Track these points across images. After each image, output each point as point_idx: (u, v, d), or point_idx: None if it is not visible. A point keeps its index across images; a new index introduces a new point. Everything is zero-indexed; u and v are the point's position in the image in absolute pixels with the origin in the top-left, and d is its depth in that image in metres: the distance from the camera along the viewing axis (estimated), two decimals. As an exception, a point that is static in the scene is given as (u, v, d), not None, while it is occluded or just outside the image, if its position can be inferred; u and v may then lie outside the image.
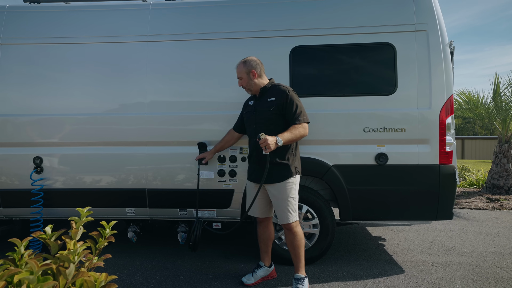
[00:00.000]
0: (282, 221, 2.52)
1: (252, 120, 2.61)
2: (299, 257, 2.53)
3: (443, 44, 2.90)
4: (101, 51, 3.20)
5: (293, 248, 2.53)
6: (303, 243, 2.56)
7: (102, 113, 3.16)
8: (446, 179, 2.88)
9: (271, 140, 2.31)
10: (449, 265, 3.10)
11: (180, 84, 3.14)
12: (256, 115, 2.58)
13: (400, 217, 3.01)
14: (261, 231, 2.73)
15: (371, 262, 3.19)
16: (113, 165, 3.14)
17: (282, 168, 2.50)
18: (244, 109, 2.78)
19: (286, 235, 2.57)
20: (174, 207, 3.17)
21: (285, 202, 2.48)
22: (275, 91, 2.57)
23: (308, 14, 3.07)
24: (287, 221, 2.49)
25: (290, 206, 2.49)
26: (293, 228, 2.51)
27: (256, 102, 2.63)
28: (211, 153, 2.90)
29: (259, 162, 2.52)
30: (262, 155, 2.42)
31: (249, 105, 2.70)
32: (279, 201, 2.50)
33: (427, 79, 2.90)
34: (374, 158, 2.94)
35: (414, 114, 2.90)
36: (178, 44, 3.16)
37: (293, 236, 2.52)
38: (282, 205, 2.49)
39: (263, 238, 2.74)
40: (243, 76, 2.60)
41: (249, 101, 2.74)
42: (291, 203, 2.50)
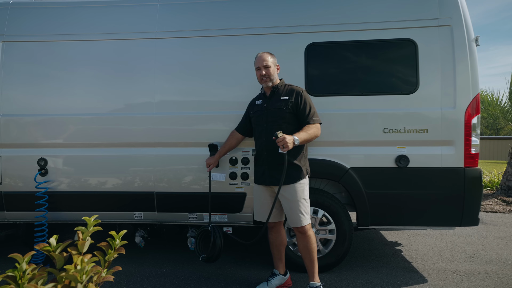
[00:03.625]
0: (295, 224, 2.39)
1: (262, 119, 2.49)
2: (313, 263, 2.41)
3: (468, 39, 2.74)
4: (108, 48, 3.08)
5: (308, 253, 2.41)
6: (316, 247, 2.45)
7: (109, 113, 3.04)
8: (472, 183, 2.71)
9: (289, 139, 2.20)
10: (474, 274, 2.93)
11: (190, 83, 3.00)
12: (268, 113, 2.47)
13: (422, 223, 2.84)
14: (273, 237, 2.60)
15: (390, 269, 3.03)
16: (120, 167, 3.01)
17: (294, 170, 2.39)
18: (250, 109, 2.64)
19: (299, 239, 2.45)
20: (183, 211, 3.04)
21: (298, 204, 2.37)
22: (288, 90, 2.50)
23: (324, 9, 2.92)
24: (300, 224, 2.36)
25: (303, 208, 2.38)
26: (306, 231, 2.39)
27: (266, 101, 2.52)
28: (216, 159, 2.75)
29: (270, 164, 2.41)
30: (277, 155, 2.30)
31: (257, 105, 2.57)
32: (291, 204, 2.38)
33: (451, 77, 2.74)
34: (394, 160, 2.78)
35: (437, 114, 2.74)
36: (188, 41, 3.02)
37: (306, 239, 2.40)
38: (294, 207, 2.37)
39: (275, 244, 2.60)
40: (271, 65, 2.48)
41: (256, 101, 2.61)
42: (304, 205, 2.39)
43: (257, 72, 2.51)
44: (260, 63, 2.47)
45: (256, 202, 2.57)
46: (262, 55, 2.50)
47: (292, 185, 2.38)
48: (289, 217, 2.42)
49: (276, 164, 2.37)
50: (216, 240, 2.57)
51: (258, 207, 2.56)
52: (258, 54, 2.53)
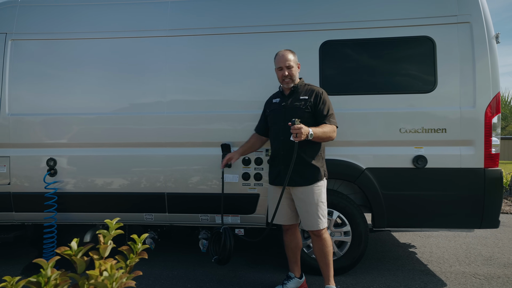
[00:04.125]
0: (311, 227, 2.33)
1: (279, 118, 2.41)
2: (329, 266, 2.36)
3: (488, 37, 2.67)
4: (118, 47, 3.02)
5: (323, 256, 2.35)
6: (331, 250, 2.40)
7: (119, 112, 2.99)
8: (492, 184, 2.64)
9: (305, 130, 2.15)
10: (494, 278, 2.85)
11: (202, 82, 2.95)
12: (286, 112, 2.39)
13: (440, 225, 2.77)
14: (289, 240, 2.53)
15: (406, 272, 2.96)
16: (131, 168, 2.96)
17: (312, 170, 2.33)
18: (267, 107, 2.57)
19: (315, 242, 2.39)
20: (195, 212, 2.98)
21: (315, 207, 2.31)
22: (308, 90, 2.44)
23: (339, 6, 2.85)
24: (316, 227, 2.30)
25: (320, 211, 2.32)
26: (322, 234, 2.34)
27: (284, 100, 2.45)
28: (238, 153, 2.64)
29: (287, 164, 2.31)
30: (290, 143, 2.22)
31: (274, 103, 2.50)
32: (308, 206, 2.31)
33: (470, 75, 2.67)
34: (412, 160, 2.71)
35: (456, 113, 2.67)
36: (199, 39, 2.97)
37: (322, 243, 2.34)
38: (311, 210, 2.31)
39: (291, 247, 2.54)
40: (294, 65, 2.39)
41: (273, 99, 2.54)
42: (321, 207, 2.33)
43: (279, 72, 2.41)
44: (282, 63, 2.37)
45: (271, 204, 2.49)
46: (284, 54, 2.39)
47: (309, 187, 2.32)
48: (304, 220, 2.36)
49: (297, 165, 2.30)
50: (226, 242, 2.52)
51: (274, 209, 2.47)
52: (280, 53, 2.41)
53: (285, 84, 2.42)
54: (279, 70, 2.40)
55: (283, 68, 2.37)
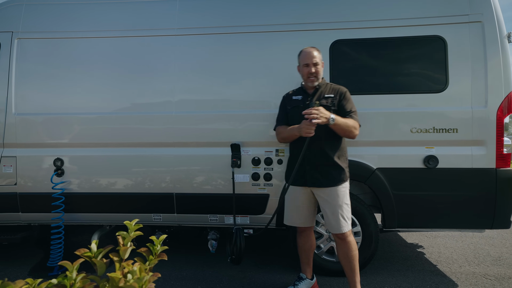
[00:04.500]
0: (336, 230, 2.27)
1: (300, 116, 2.24)
2: (354, 271, 2.30)
3: (500, 36, 2.65)
4: (126, 46, 3.00)
5: (348, 261, 2.30)
6: (357, 254, 2.32)
7: (127, 112, 2.96)
8: (504, 185, 2.63)
9: (326, 113, 2.10)
10: (505, 279, 2.84)
11: (212, 81, 2.92)
12: None
13: (451, 225, 2.76)
14: (303, 242, 2.50)
15: (416, 273, 2.94)
16: (139, 168, 2.94)
17: (337, 171, 2.28)
18: (287, 103, 2.44)
19: (339, 246, 2.34)
20: (203, 212, 2.95)
21: (340, 209, 2.26)
22: (332, 88, 2.39)
23: (350, 5, 2.83)
24: (341, 230, 2.26)
25: (345, 213, 2.27)
26: (347, 237, 2.28)
27: (307, 98, 2.35)
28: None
29: (313, 164, 2.27)
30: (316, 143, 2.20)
31: (295, 100, 2.40)
32: (333, 208, 2.26)
33: (482, 75, 2.65)
34: (423, 160, 2.69)
35: (468, 113, 2.66)
36: (209, 38, 2.94)
37: (347, 246, 2.29)
38: (336, 212, 2.26)
39: (304, 249, 2.51)
40: (320, 62, 2.33)
41: (293, 96, 2.44)
42: (346, 209, 2.29)
43: (305, 69, 2.33)
44: (309, 60, 2.31)
45: (289, 205, 2.44)
46: (311, 51, 2.33)
47: (335, 188, 2.26)
48: (329, 222, 2.30)
49: (319, 165, 2.27)
50: (237, 241, 2.51)
51: (291, 211, 2.43)
52: (306, 49, 2.36)
53: (309, 82, 2.35)
54: (305, 67, 2.32)
55: (309, 65, 2.30)
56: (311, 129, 2.12)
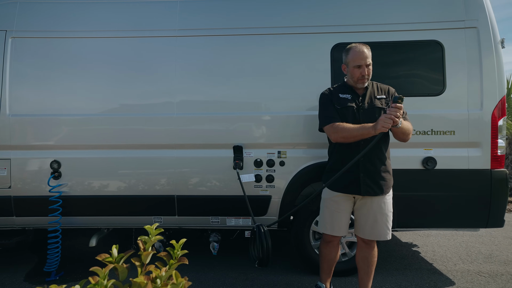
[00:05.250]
0: (378, 237, 2.23)
1: (355, 118, 2.17)
2: (370, 276, 2.32)
3: (494, 41, 2.75)
4: (125, 46, 2.95)
5: (367, 265, 2.30)
6: (376, 260, 2.34)
7: (127, 113, 2.91)
8: (499, 185, 2.73)
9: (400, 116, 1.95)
10: (498, 275, 2.95)
11: (213, 83, 2.91)
12: (365, 113, 2.17)
13: (448, 224, 2.84)
14: (328, 251, 2.38)
15: (415, 272, 3.02)
16: (140, 170, 2.90)
17: (388, 178, 2.21)
18: (334, 101, 2.23)
19: (362, 250, 2.32)
20: (205, 215, 2.94)
21: (386, 217, 2.21)
22: (381, 88, 2.28)
23: (350, 9, 2.88)
24: (384, 237, 2.21)
25: (389, 222, 2.23)
26: (375, 245, 2.31)
27: (358, 98, 2.22)
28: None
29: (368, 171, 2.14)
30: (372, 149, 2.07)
31: (344, 98, 2.21)
32: (378, 215, 2.19)
33: (477, 79, 2.74)
34: (421, 162, 2.76)
35: (464, 116, 2.74)
36: (210, 39, 2.93)
37: (371, 253, 2.29)
38: (380, 219, 2.19)
39: (328, 258, 2.39)
40: (371, 62, 2.19)
41: (340, 94, 2.24)
42: (390, 218, 2.24)
43: (356, 70, 2.16)
44: (362, 60, 2.13)
45: (331, 214, 2.28)
46: (363, 50, 2.15)
47: (383, 197, 2.19)
48: (371, 228, 2.21)
49: (374, 172, 2.15)
50: (263, 241, 2.37)
51: (335, 220, 2.27)
52: (357, 48, 2.17)
53: (360, 84, 2.19)
54: (357, 68, 2.15)
55: (362, 66, 2.14)
56: (389, 125, 1.95)
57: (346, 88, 2.28)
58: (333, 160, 2.32)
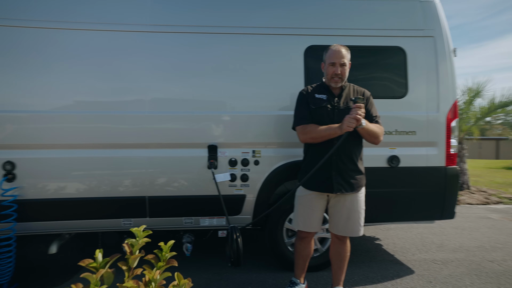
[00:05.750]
0: (351, 234, 2.34)
1: (328, 119, 2.24)
2: (343, 270, 2.44)
3: (448, 50, 3.02)
4: (93, 40, 2.76)
5: (341, 261, 2.42)
6: (349, 255, 2.46)
7: (94, 110, 2.74)
8: (452, 181, 3.00)
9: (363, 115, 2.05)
10: (449, 262, 3.25)
11: (186, 81, 2.84)
12: (339, 113, 2.24)
13: (409, 218, 3.07)
14: (303, 247, 2.45)
15: (379, 263, 3.22)
16: (108, 170, 2.74)
17: (360, 176, 2.32)
18: (309, 101, 2.29)
19: (336, 246, 2.42)
20: (178, 215, 2.87)
21: (359, 214, 2.33)
22: (356, 91, 2.36)
23: (323, 13, 2.98)
24: (356, 234, 2.33)
25: (362, 218, 2.34)
26: (348, 240, 2.41)
27: (334, 99, 2.28)
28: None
29: (339, 169, 2.23)
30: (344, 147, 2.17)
31: (318, 99, 2.28)
32: (351, 213, 2.30)
33: (435, 84, 2.99)
34: (387, 160, 2.95)
35: (424, 118, 2.98)
36: (183, 36, 2.84)
37: (345, 248, 2.41)
38: (353, 216, 2.31)
39: (303, 254, 2.47)
40: (347, 63, 2.25)
41: (316, 94, 2.31)
42: (362, 214, 2.35)
43: (330, 68, 2.23)
44: (336, 59, 2.20)
45: (305, 211, 2.36)
46: (339, 49, 2.22)
47: (356, 194, 2.30)
48: (344, 225, 2.31)
49: (345, 170, 2.25)
50: (233, 243, 2.39)
51: (308, 217, 2.35)
52: (334, 47, 2.24)
53: (333, 83, 2.26)
54: (331, 66, 2.22)
55: (335, 64, 2.20)
56: (353, 124, 2.05)
57: (323, 88, 2.35)
58: (308, 159, 2.41)
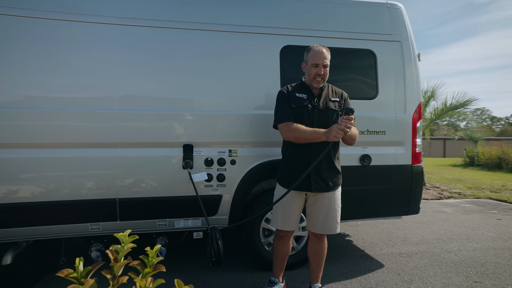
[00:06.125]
0: (329, 231, 2.37)
1: (308, 118, 2.26)
2: (321, 267, 2.48)
3: (413, 55, 3.20)
4: (55, 30, 2.55)
5: (319, 259, 2.45)
6: (326, 252, 2.50)
7: (58, 107, 2.53)
8: (417, 178, 3.19)
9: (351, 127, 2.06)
10: (413, 255, 3.45)
11: (159, 77, 2.73)
12: (319, 113, 2.28)
13: (380, 214, 3.22)
14: (281, 246, 2.46)
15: (351, 259, 3.33)
16: (75, 172, 2.55)
17: (337, 176, 2.37)
18: (290, 100, 2.30)
19: (314, 243, 2.45)
20: (152, 218, 2.75)
21: (336, 212, 2.37)
22: (335, 91, 2.40)
23: (297, 14, 3.02)
24: (334, 231, 2.37)
25: (338, 216, 2.39)
26: (325, 238, 2.45)
27: (314, 99, 2.30)
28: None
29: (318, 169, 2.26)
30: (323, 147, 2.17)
31: (300, 98, 2.29)
32: (329, 211, 2.34)
33: (402, 86, 3.16)
34: (359, 159, 3.06)
35: (392, 118, 3.13)
36: (154, 31, 2.72)
37: (322, 246, 2.44)
38: (331, 214, 2.34)
39: (281, 253, 2.47)
40: (329, 64, 2.28)
41: (296, 93, 2.32)
42: (339, 212, 2.40)
43: (313, 69, 2.25)
44: (320, 60, 2.23)
45: (284, 210, 2.37)
46: (322, 51, 2.24)
47: (333, 193, 2.34)
48: (322, 223, 2.34)
49: (323, 170, 2.29)
50: (213, 243, 2.36)
51: (286, 215, 2.36)
52: (316, 48, 2.27)
53: (315, 83, 2.28)
54: (314, 67, 2.24)
55: (319, 66, 2.23)
56: (340, 135, 2.06)
57: (303, 87, 2.37)
58: (286, 158, 2.42)
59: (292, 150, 2.35)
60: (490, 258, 3.40)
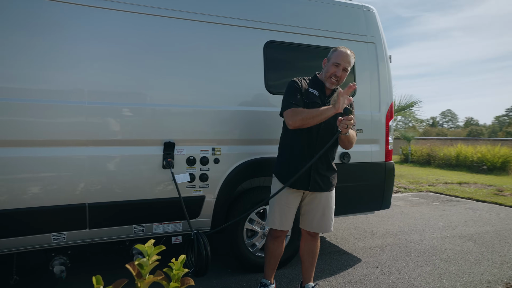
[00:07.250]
0: (325, 230, 2.38)
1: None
2: (313, 266, 2.46)
3: (386, 56, 3.35)
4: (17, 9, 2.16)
5: (312, 257, 2.43)
6: (318, 251, 2.49)
7: (15, 98, 2.14)
8: (389, 174, 3.34)
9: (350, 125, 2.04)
10: (383, 247, 3.62)
11: (137, 69, 2.46)
12: None
13: (356, 210, 3.31)
14: (275, 246, 2.40)
15: (329, 255, 3.37)
16: (35, 174, 2.18)
17: (334, 176, 2.36)
18: (304, 92, 2.22)
19: (307, 242, 2.42)
20: (127, 223, 2.47)
21: (331, 211, 2.37)
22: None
23: (281, 10, 2.96)
24: (329, 230, 2.38)
25: (333, 214, 2.40)
26: (318, 237, 2.43)
27: (325, 98, 2.26)
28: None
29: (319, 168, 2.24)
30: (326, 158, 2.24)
31: (312, 94, 2.23)
32: (325, 210, 2.33)
33: (376, 86, 3.29)
34: (339, 157, 3.11)
35: (368, 117, 3.24)
36: (132, 17, 2.46)
37: (315, 244, 2.43)
38: (327, 213, 2.35)
39: (275, 254, 2.41)
40: (349, 70, 2.23)
41: (310, 88, 2.26)
42: (333, 210, 2.41)
43: (332, 67, 2.18)
44: (343, 61, 2.16)
45: (282, 209, 2.30)
46: (348, 54, 2.18)
47: (329, 192, 2.34)
48: (319, 222, 2.33)
49: (323, 170, 2.26)
50: (201, 249, 2.21)
51: (284, 215, 2.30)
52: (343, 49, 2.20)
53: (328, 83, 2.22)
54: (334, 66, 2.17)
55: (339, 66, 2.16)
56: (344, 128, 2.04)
57: (317, 84, 2.29)
58: (286, 154, 2.33)
59: (293, 145, 2.27)
60: (447, 245, 3.71)
